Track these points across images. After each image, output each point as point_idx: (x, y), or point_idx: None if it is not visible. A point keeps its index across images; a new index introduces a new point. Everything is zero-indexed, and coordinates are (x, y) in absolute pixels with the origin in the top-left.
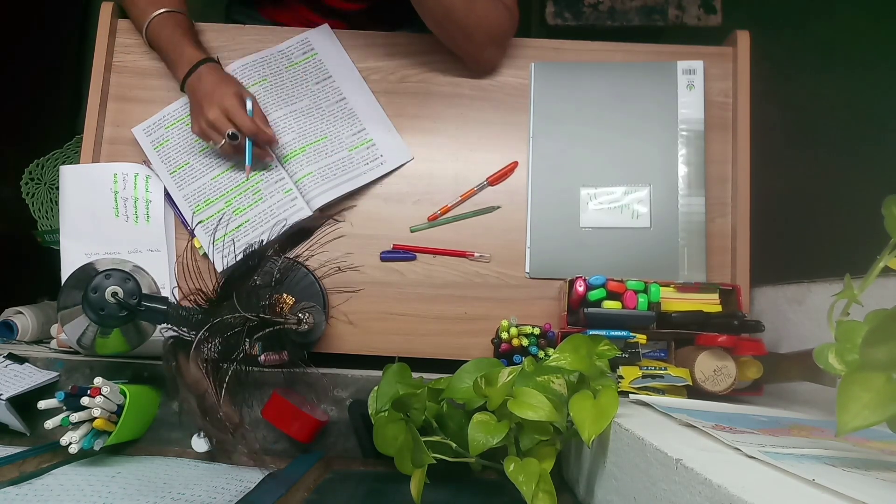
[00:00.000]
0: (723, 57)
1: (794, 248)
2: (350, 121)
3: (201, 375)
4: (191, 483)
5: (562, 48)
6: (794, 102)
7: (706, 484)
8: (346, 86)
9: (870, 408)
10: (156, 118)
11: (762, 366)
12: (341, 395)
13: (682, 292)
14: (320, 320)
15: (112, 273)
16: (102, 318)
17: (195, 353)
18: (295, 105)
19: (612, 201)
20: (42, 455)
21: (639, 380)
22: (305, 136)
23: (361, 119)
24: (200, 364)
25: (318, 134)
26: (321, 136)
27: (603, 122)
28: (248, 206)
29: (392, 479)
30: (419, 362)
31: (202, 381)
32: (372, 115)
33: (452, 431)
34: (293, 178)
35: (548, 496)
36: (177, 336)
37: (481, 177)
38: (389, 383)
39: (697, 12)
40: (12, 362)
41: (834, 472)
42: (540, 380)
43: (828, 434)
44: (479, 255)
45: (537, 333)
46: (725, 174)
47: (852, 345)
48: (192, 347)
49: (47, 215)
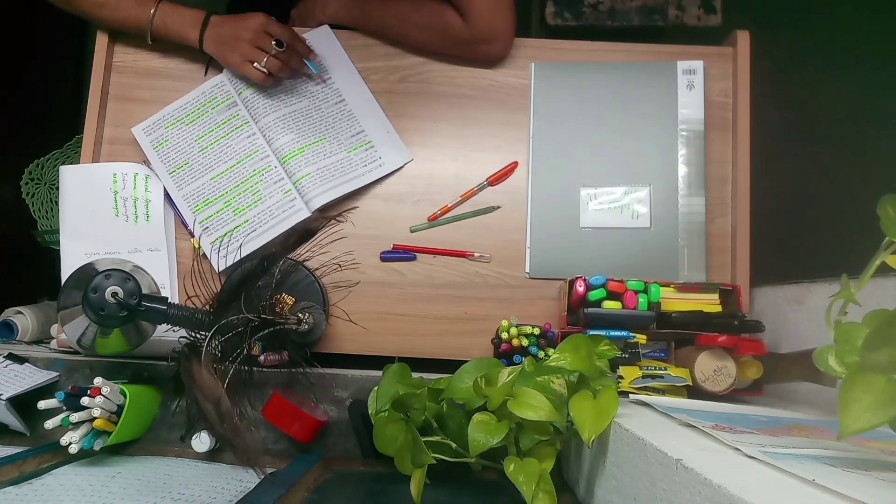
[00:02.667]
0: (723, 57)
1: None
2: (349, 122)
3: (214, 381)
4: (191, 483)
5: (562, 48)
6: (794, 102)
7: (706, 484)
8: (346, 87)
9: (871, 410)
10: (155, 118)
11: (762, 366)
12: (341, 395)
13: (682, 292)
14: (320, 320)
15: (112, 273)
16: (102, 318)
17: (206, 358)
18: (294, 106)
19: (612, 201)
20: (42, 455)
21: (639, 380)
22: (305, 136)
23: (360, 120)
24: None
25: (318, 135)
26: (320, 137)
27: (603, 122)
28: (248, 206)
29: (392, 479)
30: (419, 362)
31: (216, 387)
32: (371, 117)
33: (452, 431)
34: (292, 178)
35: (548, 496)
36: (189, 342)
37: (481, 177)
38: (389, 383)
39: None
40: (12, 362)
41: (834, 472)
42: (540, 380)
43: (828, 434)
44: (479, 255)
45: (537, 333)
46: (725, 174)
47: (852, 346)
48: (202, 352)
49: (47, 215)
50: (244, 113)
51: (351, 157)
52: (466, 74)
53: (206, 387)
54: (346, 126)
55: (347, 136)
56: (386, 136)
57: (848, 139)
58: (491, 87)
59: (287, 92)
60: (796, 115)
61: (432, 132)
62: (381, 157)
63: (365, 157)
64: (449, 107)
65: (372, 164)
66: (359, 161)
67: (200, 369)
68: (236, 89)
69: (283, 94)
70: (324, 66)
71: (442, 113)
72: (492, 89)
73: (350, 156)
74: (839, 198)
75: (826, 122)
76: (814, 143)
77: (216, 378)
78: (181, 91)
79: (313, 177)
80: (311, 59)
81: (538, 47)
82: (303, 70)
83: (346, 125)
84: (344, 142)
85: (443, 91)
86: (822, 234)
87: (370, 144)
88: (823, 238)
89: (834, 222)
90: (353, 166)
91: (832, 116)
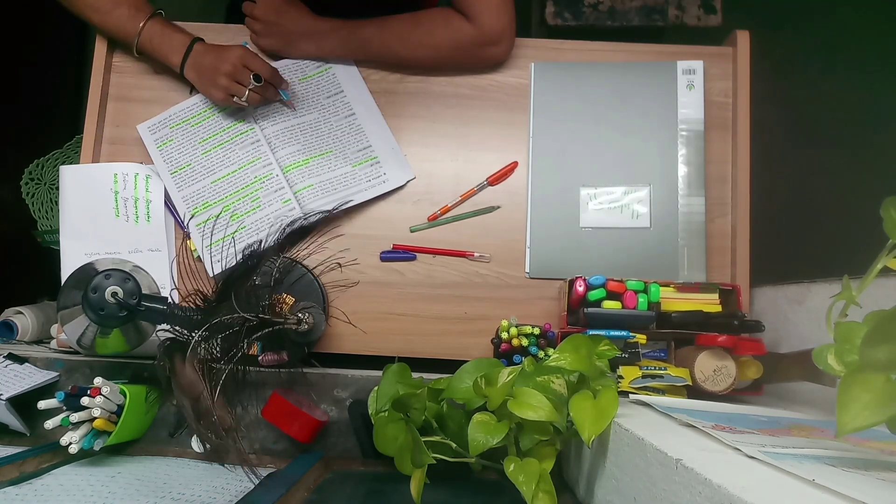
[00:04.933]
0: (723, 57)
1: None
2: (357, 136)
3: (197, 378)
4: (191, 483)
5: (562, 48)
6: (794, 102)
7: (706, 484)
8: (357, 101)
9: (870, 408)
10: (161, 117)
11: (762, 366)
12: (341, 395)
13: (682, 292)
14: (320, 320)
15: (112, 273)
16: (102, 318)
17: (191, 355)
18: (303, 118)
19: (612, 201)
20: (42, 455)
21: (639, 380)
22: (311, 148)
23: (368, 136)
24: (196, 367)
25: (324, 147)
26: (326, 149)
27: (603, 122)
28: (246, 212)
29: (392, 479)
30: (419, 362)
31: (197, 385)
32: (379, 133)
33: (452, 431)
34: (293, 188)
35: (548, 496)
36: (173, 338)
37: (481, 177)
38: (389, 383)
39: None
40: (12, 362)
41: (834, 472)
42: (540, 380)
43: (828, 434)
44: (479, 255)
45: (537, 333)
46: (725, 174)
47: (851, 346)
48: (188, 349)
49: (47, 215)
50: (250, 119)
51: (356, 171)
52: (467, 74)
53: (188, 384)
54: (353, 140)
55: (354, 150)
56: (391, 152)
57: (848, 139)
58: (491, 87)
59: (297, 104)
60: (796, 115)
61: (432, 132)
62: (386, 174)
63: (369, 173)
64: (448, 106)
65: (376, 179)
66: (363, 176)
67: (184, 366)
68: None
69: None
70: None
71: (441, 112)
72: (492, 89)
73: (355, 170)
74: (839, 198)
75: (826, 122)
76: (814, 142)
77: (199, 376)
78: (181, 91)
79: (315, 188)
80: (284, 88)
81: (538, 47)
82: (275, 99)
83: (354, 139)
84: (350, 156)
85: (442, 91)
86: (822, 234)
87: (376, 160)
88: (823, 238)
89: (834, 222)
90: (357, 181)
91: (832, 116)
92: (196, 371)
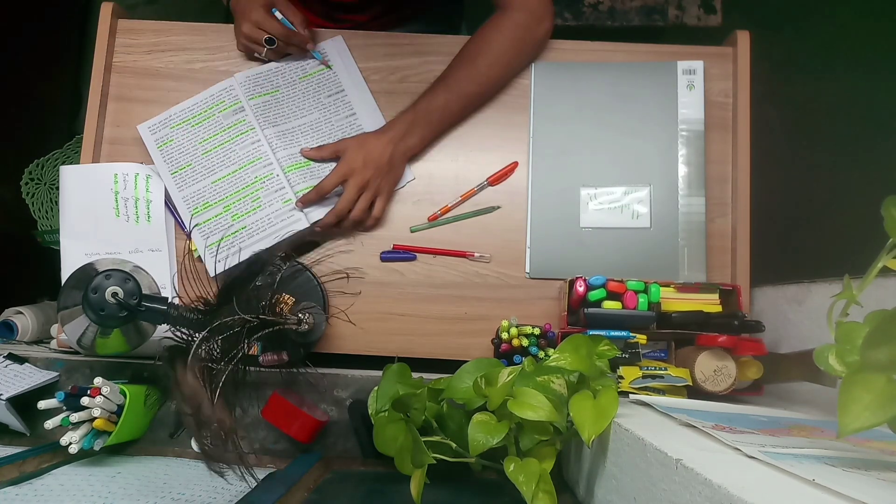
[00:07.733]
0: (723, 57)
1: (795, 247)
2: None
3: (198, 386)
4: (191, 483)
5: (562, 48)
6: (794, 102)
7: (706, 484)
8: (358, 101)
9: (871, 409)
10: (162, 117)
11: (762, 366)
12: (341, 395)
13: (682, 292)
14: (320, 320)
15: (112, 273)
16: (102, 319)
17: (193, 361)
18: (304, 118)
19: (612, 201)
20: (42, 455)
21: (639, 380)
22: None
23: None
24: (198, 374)
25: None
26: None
27: (603, 122)
28: (247, 212)
29: (392, 479)
30: (419, 362)
31: (199, 393)
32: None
33: (452, 431)
34: (294, 189)
35: (548, 496)
36: (175, 344)
37: (481, 177)
38: (389, 383)
39: (697, 12)
40: (12, 362)
41: (834, 472)
42: (540, 380)
43: (828, 434)
44: (479, 256)
45: (537, 333)
46: (725, 174)
47: (852, 346)
48: (189, 355)
49: (47, 215)
50: (251, 118)
51: None
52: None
53: (189, 392)
54: None
55: None
56: None
57: (848, 139)
58: None
59: (298, 104)
60: (796, 115)
61: None
62: None
63: None
64: None
65: None
66: None
67: (185, 373)
68: (245, 94)
69: (294, 106)
70: (337, 80)
71: None
72: None
73: None
74: (839, 198)
75: (826, 121)
76: (814, 143)
77: (200, 383)
78: (181, 91)
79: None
80: (312, 48)
81: None
82: (303, 55)
83: None
84: None
85: None
86: (822, 234)
87: None
88: (823, 238)
89: (834, 222)
90: None
91: (832, 116)
92: (197, 378)
